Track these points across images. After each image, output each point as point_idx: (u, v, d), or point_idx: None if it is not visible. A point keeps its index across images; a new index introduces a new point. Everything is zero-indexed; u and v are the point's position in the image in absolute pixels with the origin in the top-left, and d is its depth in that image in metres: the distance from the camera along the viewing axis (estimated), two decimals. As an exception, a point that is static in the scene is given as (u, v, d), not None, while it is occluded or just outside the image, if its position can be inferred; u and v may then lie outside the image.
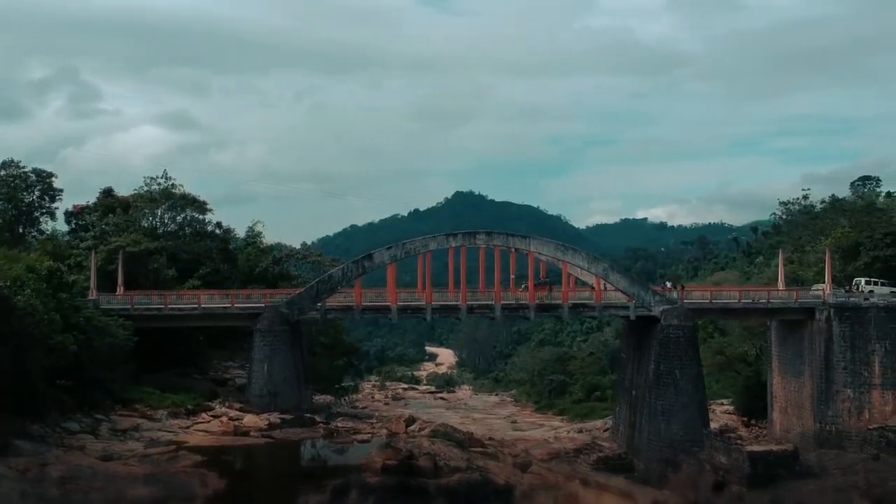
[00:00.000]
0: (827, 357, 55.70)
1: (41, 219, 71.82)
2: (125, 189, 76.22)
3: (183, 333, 58.55)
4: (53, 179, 71.20)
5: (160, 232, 71.24)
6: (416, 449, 39.62)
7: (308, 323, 59.69)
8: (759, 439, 61.26)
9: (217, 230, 76.46)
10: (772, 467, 43.94)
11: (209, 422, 47.92)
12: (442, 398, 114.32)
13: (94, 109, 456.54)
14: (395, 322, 62.52)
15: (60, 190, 71.75)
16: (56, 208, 71.98)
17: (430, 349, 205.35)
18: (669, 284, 65.08)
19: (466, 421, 77.34)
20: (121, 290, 55.50)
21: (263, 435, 46.37)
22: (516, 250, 57.85)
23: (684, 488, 43.23)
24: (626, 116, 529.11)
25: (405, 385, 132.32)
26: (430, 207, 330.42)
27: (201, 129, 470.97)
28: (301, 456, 45.54)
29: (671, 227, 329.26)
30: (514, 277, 60.53)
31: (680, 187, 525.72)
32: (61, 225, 73.46)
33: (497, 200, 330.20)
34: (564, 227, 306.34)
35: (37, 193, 70.96)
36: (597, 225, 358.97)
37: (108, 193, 75.66)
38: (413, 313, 58.47)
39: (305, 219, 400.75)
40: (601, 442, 58.79)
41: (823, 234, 78.72)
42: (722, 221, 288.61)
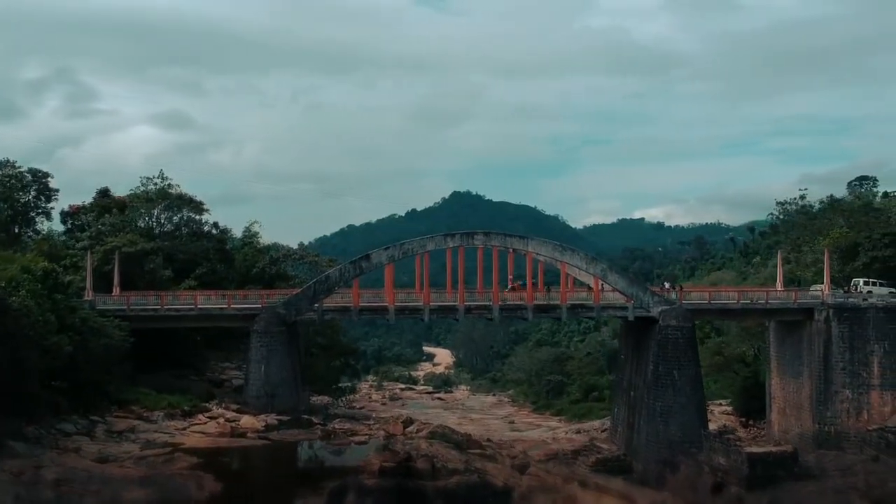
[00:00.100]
0: (826, 358, 55.60)
1: (37, 219, 71.51)
2: (122, 189, 76.14)
3: (179, 334, 58.43)
4: (49, 179, 71.02)
5: (156, 232, 71.01)
6: (414, 451, 39.45)
7: (305, 324, 59.51)
8: (758, 440, 61.22)
9: (214, 230, 76.32)
10: (771, 469, 43.74)
11: (206, 423, 47.80)
12: (439, 398, 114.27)
13: (91, 109, 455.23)
14: (393, 323, 62.22)
15: (56, 190, 71.58)
16: (52, 208, 71.79)
17: (428, 349, 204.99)
18: (668, 285, 64.98)
19: (464, 421, 77.34)
20: (117, 291, 55.34)
21: (260, 436, 46.27)
22: (514, 251, 57.71)
23: (683, 490, 43.15)
24: (624, 116, 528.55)
25: (402, 385, 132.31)
26: (428, 207, 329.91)
27: (198, 129, 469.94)
28: (298, 458, 45.47)
29: (668, 228, 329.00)
30: (511, 278, 60.46)
31: (677, 187, 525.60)
32: (57, 225, 73.30)
33: (494, 200, 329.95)
34: (562, 227, 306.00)
35: (32, 193, 70.66)
36: (594, 225, 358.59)
37: (105, 193, 75.37)
38: (410, 314, 58.25)
39: (302, 219, 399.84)
40: (599, 443, 58.70)
41: (821, 235, 78.67)
42: (719, 221, 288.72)
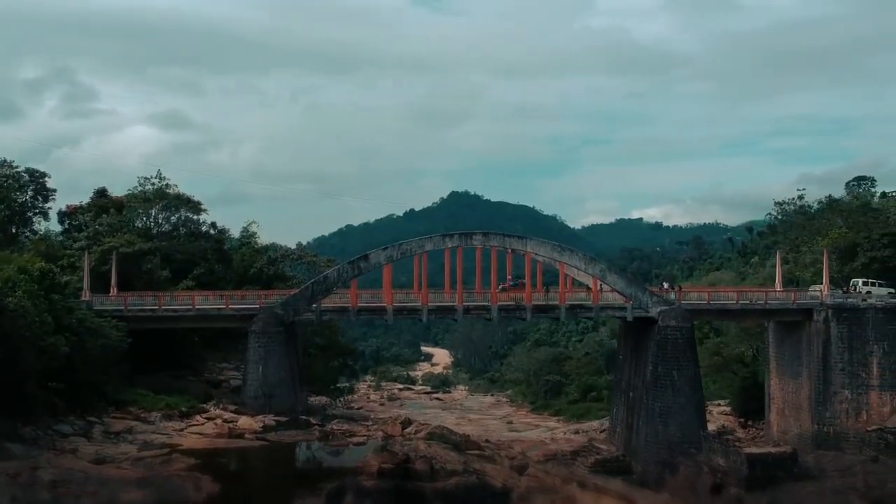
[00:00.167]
0: (825, 358, 55.50)
1: (34, 219, 71.27)
2: (120, 189, 75.94)
3: (177, 335, 58.27)
4: (47, 179, 70.78)
5: (154, 232, 70.80)
6: (413, 452, 39.35)
7: (303, 324, 59.31)
8: (757, 441, 61.17)
9: (211, 230, 76.10)
10: (770, 469, 43.68)
11: (203, 424, 47.68)
12: (438, 399, 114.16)
13: (89, 109, 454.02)
14: (391, 323, 62.10)
15: (54, 190, 71.32)
16: (49, 208, 71.56)
17: (426, 349, 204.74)
18: (667, 285, 64.93)
19: (462, 422, 77.21)
20: (114, 291, 55.13)
21: (258, 437, 46.17)
22: (513, 251, 57.61)
23: (682, 491, 43.12)
24: (623, 116, 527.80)
25: (401, 385, 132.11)
26: (426, 207, 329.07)
27: (196, 129, 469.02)
28: (296, 458, 45.42)
29: (666, 227, 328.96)
30: (510, 278, 60.33)
31: (675, 187, 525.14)
32: (54, 225, 73.11)
33: (493, 200, 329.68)
34: (560, 227, 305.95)
35: (30, 193, 70.41)
36: (592, 225, 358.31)
37: (102, 193, 75.20)
38: (409, 314, 58.02)
39: (301, 219, 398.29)
40: (598, 444, 58.53)
41: (820, 235, 78.61)
42: (717, 221, 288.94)
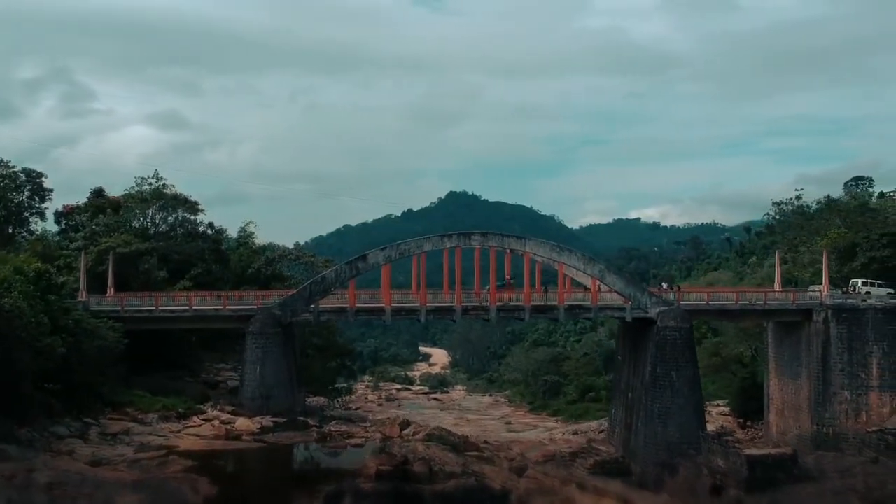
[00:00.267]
0: (824, 359, 55.28)
1: (31, 219, 71.23)
2: (118, 189, 75.70)
3: (174, 335, 58.13)
4: (43, 179, 70.70)
5: (151, 232, 70.59)
6: (411, 454, 39.19)
7: (301, 325, 59.14)
8: (756, 441, 60.99)
9: (209, 230, 75.87)
10: (770, 471, 43.40)
11: (200, 425, 47.49)
12: (436, 399, 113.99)
13: (87, 109, 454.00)
14: (389, 324, 61.91)
15: (50, 190, 71.27)
16: (46, 208, 71.52)
17: (424, 349, 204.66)
18: (665, 286, 64.73)
19: (460, 422, 77.00)
20: (111, 292, 54.93)
21: (256, 439, 45.94)
22: (512, 251, 57.40)
23: (682, 492, 42.90)
24: (620, 117, 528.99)
25: (399, 386, 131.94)
26: (424, 207, 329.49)
27: (194, 129, 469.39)
28: (294, 460, 45.16)
29: (664, 228, 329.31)
30: (509, 278, 60.16)
31: (673, 187, 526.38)
32: (51, 225, 73.02)
33: (490, 200, 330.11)
34: (558, 227, 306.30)
35: (26, 193, 70.27)
36: (590, 225, 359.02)
37: (99, 194, 75.03)
38: (407, 315, 57.75)
39: (298, 219, 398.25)
40: (597, 445, 58.36)
41: (818, 235, 78.50)
42: (715, 221, 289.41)
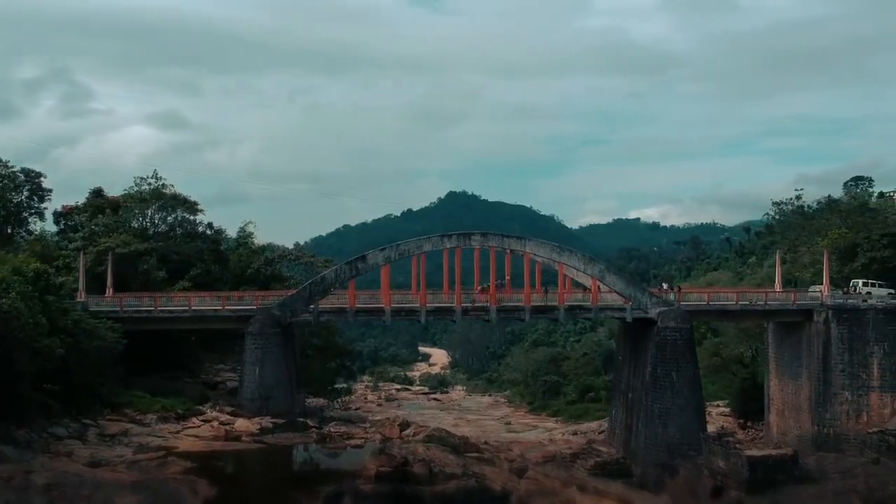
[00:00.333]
0: (825, 359, 55.16)
1: (30, 219, 70.90)
2: (118, 189, 75.49)
3: (173, 336, 57.96)
4: (42, 179, 70.37)
5: (150, 233, 70.38)
6: (411, 455, 39.11)
7: (300, 325, 58.95)
8: (756, 442, 60.88)
9: (208, 231, 75.64)
10: (771, 472, 43.31)
11: (200, 426, 47.36)
12: (435, 399, 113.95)
13: (87, 109, 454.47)
14: (389, 324, 61.77)
15: (49, 190, 70.90)
16: (45, 209, 71.14)
17: (424, 349, 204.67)
18: (666, 286, 64.57)
19: (460, 422, 76.96)
20: (110, 292, 54.75)
21: (255, 440, 45.80)
22: (511, 251, 57.23)
23: (682, 494, 42.74)
24: (620, 117, 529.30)
25: (398, 386, 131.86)
26: (424, 207, 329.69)
27: (194, 129, 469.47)
28: (293, 461, 45.01)
29: (664, 228, 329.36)
30: (510, 278, 60.02)
31: (673, 187, 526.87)
32: (50, 226, 72.74)
33: (490, 200, 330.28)
34: (557, 227, 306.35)
35: (25, 193, 69.99)
36: (590, 225, 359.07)
37: (98, 194, 74.81)
38: (407, 315, 57.48)
39: (298, 219, 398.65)
40: (597, 446, 58.21)
41: (819, 235, 78.38)
42: (714, 222, 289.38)
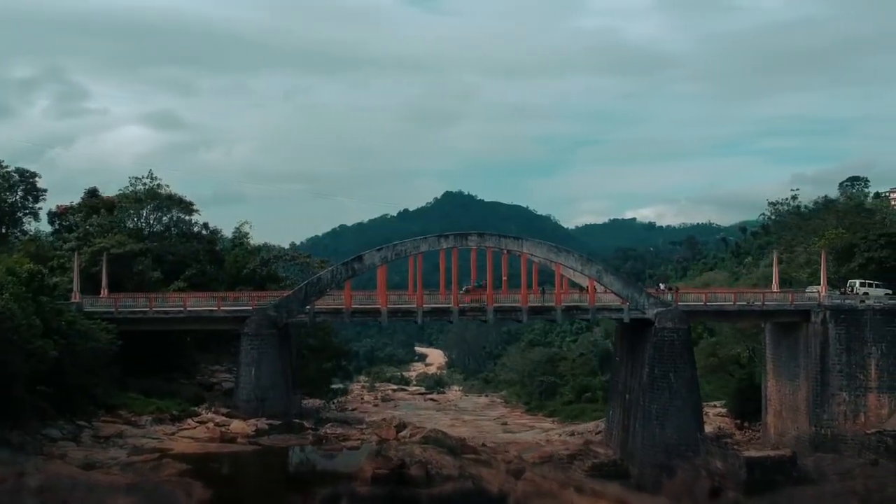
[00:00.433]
0: (822, 360, 55.01)
1: (24, 219, 70.53)
2: (113, 189, 75.09)
3: (169, 337, 57.65)
4: (37, 179, 70.09)
5: (145, 233, 70.05)
6: (408, 457, 38.95)
7: (296, 326, 58.68)
8: (753, 443, 60.73)
9: (204, 231, 75.33)
10: (769, 473, 43.33)
11: (195, 428, 47.20)
12: (432, 399, 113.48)
13: (82, 109, 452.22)
14: (385, 325, 61.57)
15: (44, 190, 70.61)
16: (39, 209, 70.84)
17: (420, 349, 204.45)
18: (663, 286, 64.40)
19: (457, 423, 76.77)
20: (105, 293, 54.47)
21: (251, 441, 45.59)
22: (508, 252, 57.03)
23: (680, 495, 42.63)
24: (616, 117, 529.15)
25: (395, 386, 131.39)
26: (420, 207, 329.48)
27: (189, 129, 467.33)
28: (289, 463, 44.87)
29: (660, 228, 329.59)
30: (506, 279, 59.90)
31: (669, 187, 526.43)
32: (45, 226, 72.38)
33: (486, 200, 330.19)
34: (553, 227, 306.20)
35: (20, 193, 69.67)
36: (586, 225, 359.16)
37: (93, 194, 74.42)
38: (403, 316, 57.29)
39: (294, 219, 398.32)
40: (594, 446, 58.05)
41: (815, 235, 78.30)
42: (710, 221, 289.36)
